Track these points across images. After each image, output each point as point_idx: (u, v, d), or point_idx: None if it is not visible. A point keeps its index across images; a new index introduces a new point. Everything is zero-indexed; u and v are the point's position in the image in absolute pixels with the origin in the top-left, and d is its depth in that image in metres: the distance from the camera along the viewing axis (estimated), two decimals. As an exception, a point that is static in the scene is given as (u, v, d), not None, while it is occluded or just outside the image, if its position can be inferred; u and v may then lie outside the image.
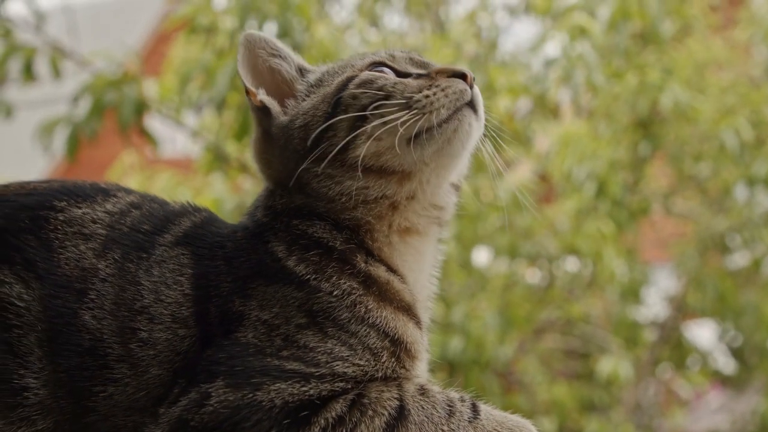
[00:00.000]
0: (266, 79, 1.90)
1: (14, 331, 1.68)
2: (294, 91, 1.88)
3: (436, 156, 1.77)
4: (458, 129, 1.75)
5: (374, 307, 1.72)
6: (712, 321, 7.88)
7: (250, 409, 1.59)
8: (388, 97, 1.74)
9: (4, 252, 1.74)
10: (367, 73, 1.79)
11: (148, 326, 1.70)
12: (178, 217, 1.86)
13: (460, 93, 1.74)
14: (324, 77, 1.88)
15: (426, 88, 1.75)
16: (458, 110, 1.74)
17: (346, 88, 1.78)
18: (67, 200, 1.81)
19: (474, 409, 1.66)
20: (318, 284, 1.71)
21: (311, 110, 1.81)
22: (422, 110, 1.72)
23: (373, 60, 1.84)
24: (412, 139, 1.74)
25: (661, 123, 6.30)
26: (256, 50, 1.88)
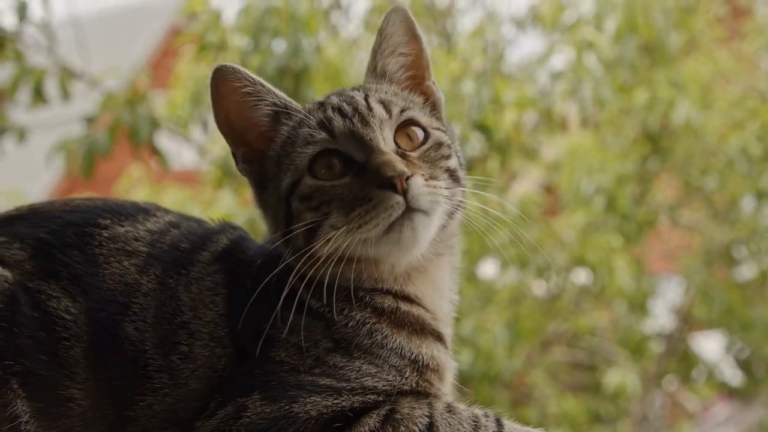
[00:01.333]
0: (245, 129, 1.89)
1: (61, 343, 1.74)
2: (271, 149, 1.89)
3: (393, 252, 1.81)
4: (401, 238, 1.78)
5: (389, 334, 1.79)
6: (718, 333, 7.89)
7: (287, 420, 1.66)
8: (328, 214, 1.78)
9: (51, 267, 1.80)
10: (306, 186, 1.80)
11: (188, 340, 1.77)
12: (217, 234, 1.93)
13: (391, 209, 1.74)
14: (285, 147, 1.86)
15: (360, 200, 1.75)
16: (394, 222, 1.76)
17: (293, 196, 1.81)
18: (111, 218, 1.89)
19: (498, 423, 1.73)
20: (332, 317, 1.78)
21: (273, 206, 1.87)
22: (359, 230, 1.75)
23: (313, 153, 1.82)
24: (363, 242, 1.77)
25: (669, 137, 6.32)
26: (231, 93, 1.86)
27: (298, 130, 1.85)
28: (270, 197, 1.87)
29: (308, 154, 1.81)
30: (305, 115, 1.87)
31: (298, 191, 1.79)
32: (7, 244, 1.83)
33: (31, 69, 5.04)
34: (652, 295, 7.54)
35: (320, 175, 1.80)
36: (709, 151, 6.45)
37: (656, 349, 7.63)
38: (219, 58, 5.45)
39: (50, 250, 1.82)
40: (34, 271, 1.80)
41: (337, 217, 1.77)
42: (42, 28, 5.01)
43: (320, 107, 1.88)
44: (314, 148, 1.81)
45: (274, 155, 1.87)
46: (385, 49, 1.97)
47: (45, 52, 5.10)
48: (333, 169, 1.80)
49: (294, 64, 4.84)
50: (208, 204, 6.21)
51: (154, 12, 16.28)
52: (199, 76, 5.60)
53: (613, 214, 6.25)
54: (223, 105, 1.86)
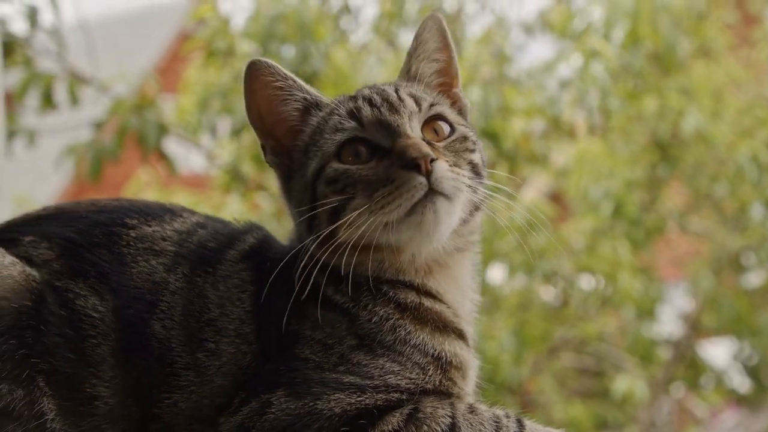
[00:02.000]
0: (274, 123, 1.93)
1: (89, 341, 1.76)
2: (299, 139, 1.92)
3: (414, 237, 1.82)
4: (422, 221, 1.79)
5: (412, 329, 1.80)
6: (727, 339, 7.87)
7: (311, 416, 1.67)
8: (352, 196, 1.80)
9: (79, 266, 1.82)
10: (332, 170, 1.83)
11: (215, 338, 1.78)
12: (243, 234, 1.95)
13: (414, 189, 1.76)
14: (314, 136, 1.90)
15: (383, 182, 1.77)
16: (417, 204, 1.77)
17: (319, 180, 1.84)
18: (138, 218, 1.91)
19: (519, 424, 1.75)
20: (357, 312, 1.80)
21: (299, 193, 1.89)
22: (381, 210, 1.77)
23: (341, 140, 1.85)
24: (384, 226, 1.78)
25: (679, 146, 6.31)
26: (263, 88, 1.89)
27: (327, 119, 1.88)
28: (296, 186, 1.90)
29: (336, 140, 1.84)
30: (335, 105, 1.90)
31: (324, 175, 1.82)
32: (35, 244, 1.85)
33: (41, 74, 5.07)
34: (660, 301, 7.53)
35: (347, 161, 1.83)
36: (718, 158, 6.44)
37: (664, 356, 7.62)
38: (227, 64, 5.49)
39: (78, 250, 1.84)
40: (61, 270, 1.81)
41: (360, 199, 1.79)
42: (52, 34, 5.03)
43: (351, 99, 1.91)
44: (342, 135, 1.84)
45: (302, 145, 1.90)
46: (420, 54, 2.00)
47: (54, 57, 5.13)
48: (360, 156, 1.83)
49: (303, 70, 4.85)
50: (217, 208, 6.23)
51: (162, 17, 16.31)
52: (208, 81, 5.62)
53: (621, 220, 6.24)
54: (255, 99, 1.89)
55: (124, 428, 1.75)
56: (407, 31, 6.75)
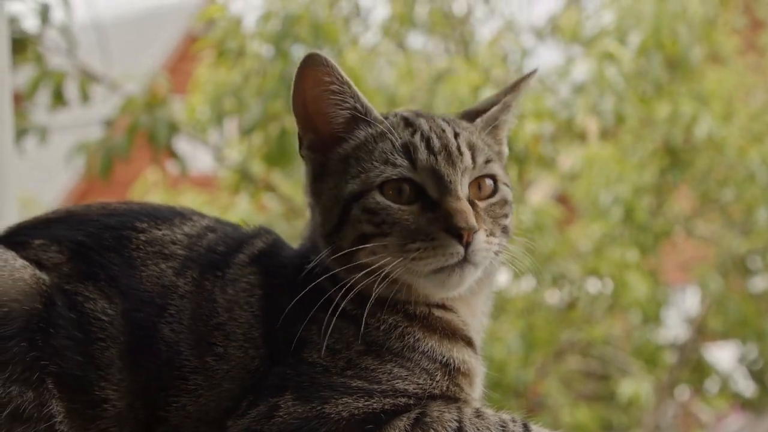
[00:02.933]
0: (318, 122, 1.86)
1: (98, 344, 1.75)
2: (341, 147, 1.85)
3: (434, 290, 1.81)
4: (446, 282, 1.78)
5: (421, 337, 1.78)
6: (732, 343, 7.88)
7: (319, 420, 1.66)
8: (386, 234, 1.76)
9: (89, 269, 1.81)
10: (373, 201, 1.77)
11: (223, 342, 1.77)
12: (252, 238, 1.93)
13: (450, 256, 1.74)
14: (358, 151, 1.83)
15: (422, 235, 1.75)
16: (445, 267, 1.76)
17: (356, 202, 1.78)
18: (148, 222, 1.89)
19: (525, 428, 1.74)
20: (363, 320, 1.77)
21: (329, 201, 1.83)
22: (412, 261, 1.74)
23: (389, 177, 1.78)
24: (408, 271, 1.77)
25: (690, 151, 6.33)
26: (316, 85, 1.82)
27: (377, 141, 1.82)
28: (326, 190, 1.84)
29: (384, 174, 1.78)
30: (388, 129, 1.83)
31: (363, 202, 1.77)
32: (44, 247, 1.84)
33: (52, 71, 5.08)
34: (666, 305, 7.54)
35: (389, 195, 1.77)
36: (728, 164, 6.45)
37: (669, 359, 7.63)
38: (239, 64, 5.51)
39: (88, 253, 1.83)
40: (71, 273, 1.81)
41: (394, 240, 1.76)
42: (63, 32, 5.05)
43: (407, 126, 1.84)
44: (392, 171, 1.78)
45: (343, 154, 1.84)
46: (512, 106, 1.93)
47: (65, 54, 5.14)
48: (402, 194, 1.77)
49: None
50: (225, 209, 6.25)
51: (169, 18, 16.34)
52: (219, 81, 5.63)
53: (630, 225, 6.25)
54: (304, 93, 1.82)
55: (132, 430, 1.75)
56: (417, 33, 6.79)
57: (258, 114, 5.12)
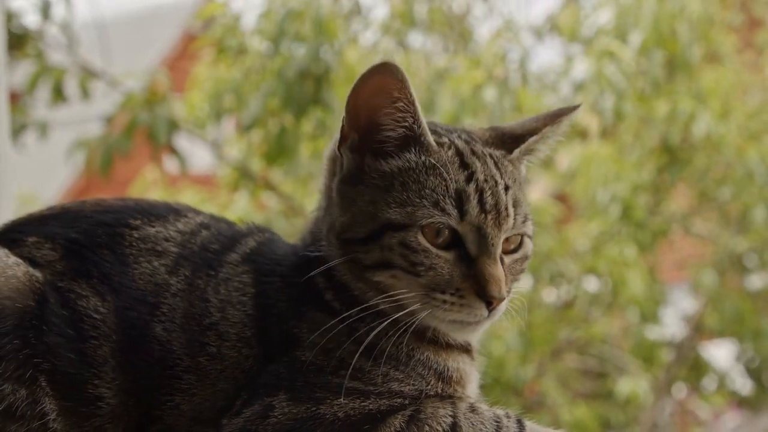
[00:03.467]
0: (369, 128, 1.79)
1: (90, 342, 1.75)
2: (385, 163, 1.79)
3: (445, 330, 1.81)
4: (461, 330, 1.80)
5: (416, 347, 1.79)
6: (729, 342, 7.90)
7: (314, 421, 1.66)
8: (417, 274, 1.73)
9: (82, 266, 1.81)
10: (414, 240, 1.73)
11: (216, 342, 1.77)
12: (245, 237, 1.92)
13: (474, 317, 1.74)
14: (404, 176, 1.77)
15: (452, 289, 1.73)
16: (465, 322, 1.77)
17: (394, 232, 1.74)
18: (142, 219, 1.89)
19: (519, 424, 1.74)
20: (355, 324, 1.76)
21: (362, 215, 1.78)
22: (434, 308, 1.74)
23: (435, 222, 1.74)
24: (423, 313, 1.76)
25: (688, 149, 6.34)
26: (380, 93, 1.74)
27: (428, 174, 1.76)
28: (358, 198, 1.78)
29: (431, 218, 1.73)
30: (441, 161, 1.76)
31: (403, 237, 1.73)
32: (38, 244, 1.84)
33: (52, 67, 5.09)
34: (663, 303, 7.56)
35: (427, 235, 1.73)
36: (725, 162, 6.47)
37: (667, 358, 7.64)
38: (238, 61, 5.51)
39: (81, 250, 1.83)
40: (64, 270, 1.81)
41: (422, 283, 1.74)
42: (63, 28, 5.06)
43: (461, 167, 1.77)
44: (440, 218, 1.73)
45: (387, 170, 1.77)
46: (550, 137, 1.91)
47: (66, 51, 5.15)
48: (439, 237, 1.74)
49: (315, 67, 4.85)
50: (224, 206, 6.24)
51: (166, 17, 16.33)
52: (219, 78, 5.63)
53: (627, 223, 6.26)
54: (365, 95, 1.75)
55: (126, 428, 1.75)
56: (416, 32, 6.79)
57: (257, 111, 5.13)
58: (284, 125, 5.11)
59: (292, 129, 5.12)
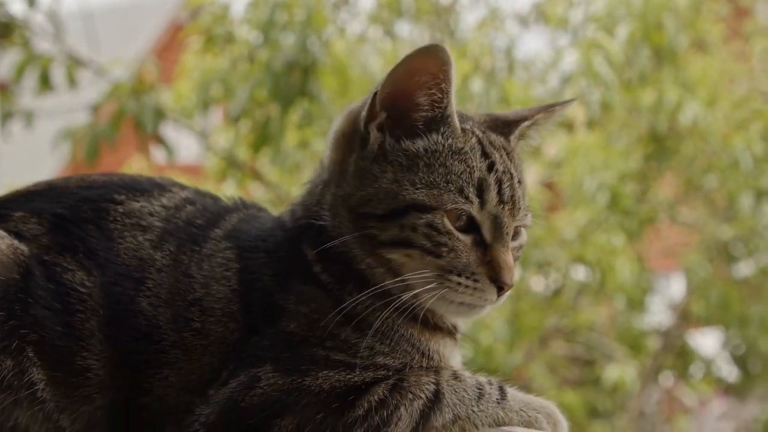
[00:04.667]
0: (402, 107, 1.81)
1: (77, 316, 1.77)
2: (411, 143, 1.81)
3: (446, 313, 1.84)
4: (466, 313, 1.83)
5: (401, 323, 1.80)
6: (715, 329, 7.95)
7: (300, 392, 1.68)
8: (438, 255, 1.76)
9: (67, 241, 1.83)
10: (440, 223, 1.76)
11: (201, 317, 1.78)
12: (230, 212, 1.93)
13: (485, 301, 1.78)
14: (429, 159, 1.79)
15: (467, 273, 1.76)
16: (473, 305, 1.80)
17: (418, 213, 1.77)
18: (126, 194, 1.90)
19: (501, 391, 1.78)
20: (341, 296, 1.78)
21: (383, 192, 1.79)
22: (447, 290, 1.76)
23: (458, 209, 1.78)
24: (433, 294, 1.78)
25: (675, 138, 6.37)
26: (421, 73, 1.76)
27: (452, 158, 1.79)
28: (379, 175, 1.80)
29: (456, 204, 1.77)
30: (468, 152, 1.80)
31: (429, 219, 1.75)
32: (24, 219, 1.86)
33: (38, 56, 5.06)
34: (650, 291, 7.59)
35: (452, 219, 1.77)
36: (711, 151, 6.50)
37: (654, 345, 7.68)
38: (226, 50, 5.49)
39: (66, 225, 1.85)
40: (50, 244, 1.83)
41: (440, 264, 1.76)
42: (49, 16, 5.04)
43: (483, 156, 1.81)
44: (463, 205, 1.77)
45: (412, 150, 1.80)
46: (543, 128, 1.97)
47: (52, 39, 5.13)
48: (459, 221, 1.77)
49: (303, 58, 4.84)
50: (211, 196, 6.22)
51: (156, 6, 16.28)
52: (206, 67, 5.62)
53: (615, 211, 6.29)
54: (408, 76, 1.77)
55: (114, 398, 1.77)
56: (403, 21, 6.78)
57: (244, 101, 5.12)
58: (270, 115, 5.09)
59: (278, 118, 5.11)
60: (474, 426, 1.73)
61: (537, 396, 1.84)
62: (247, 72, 5.15)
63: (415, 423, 1.70)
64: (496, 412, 1.74)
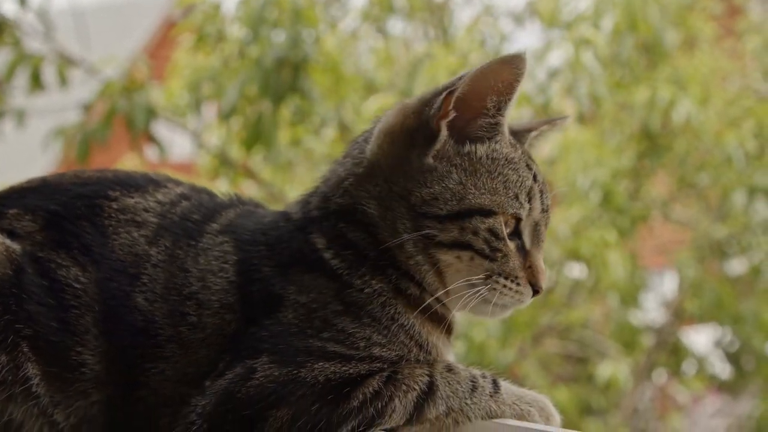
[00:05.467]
0: (470, 109, 1.82)
1: (72, 312, 1.78)
2: (469, 142, 1.84)
3: (472, 310, 1.88)
4: (495, 313, 1.87)
5: (403, 311, 1.81)
6: (709, 326, 7.96)
7: (296, 384, 1.69)
8: (493, 259, 1.81)
9: (62, 237, 1.83)
10: (500, 227, 1.81)
11: (197, 311, 1.79)
12: (226, 208, 1.94)
13: (519, 303, 1.84)
14: (489, 166, 1.83)
15: (511, 277, 1.82)
16: (506, 306, 1.86)
17: (482, 217, 1.80)
18: (121, 190, 1.90)
19: (495, 384, 1.78)
20: (350, 279, 1.79)
21: (448, 192, 1.81)
22: (487, 289, 1.81)
23: (515, 213, 1.82)
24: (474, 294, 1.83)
25: (668, 135, 6.38)
26: (497, 77, 1.79)
27: (506, 167, 1.84)
28: (444, 175, 1.82)
29: (513, 210, 1.82)
30: (519, 162, 1.86)
31: (491, 223, 1.80)
32: (18, 216, 1.86)
33: (29, 55, 5.06)
34: (643, 288, 7.60)
35: (506, 225, 1.83)
36: (704, 148, 6.52)
37: (647, 343, 7.69)
38: (218, 48, 5.49)
39: (61, 222, 1.85)
40: (44, 241, 1.83)
41: (490, 267, 1.81)
42: (40, 15, 5.04)
43: (527, 167, 1.87)
44: (518, 211, 1.82)
45: (474, 156, 1.83)
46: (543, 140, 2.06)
47: (43, 38, 5.12)
48: (509, 227, 1.82)
49: (294, 55, 4.85)
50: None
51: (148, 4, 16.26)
52: (198, 65, 5.62)
53: (608, 208, 6.30)
54: (488, 80, 1.78)
55: (109, 393, 1.77)
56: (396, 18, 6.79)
57: (235, 99, 5.11)
58: (262, 112, 5.10)
59: (270, 116, 5.11)
60: (467, 418, 1.74)
61: (530, 390, 1.84)
62: (238, 69, 5.15)
63: (409, 414, 1.71)
64: (489, 404, 1.75)
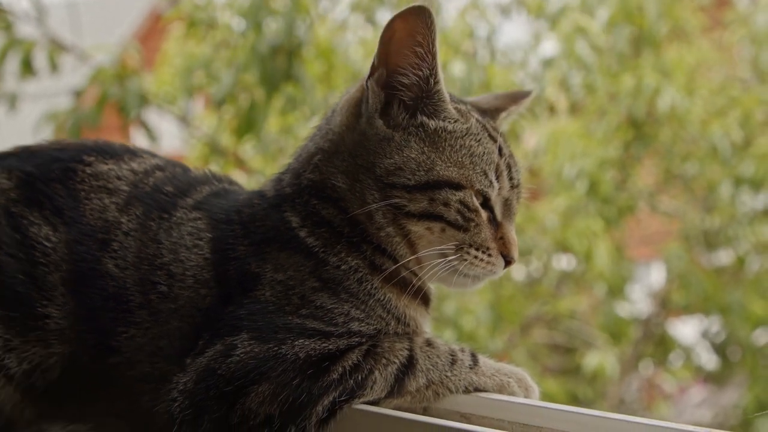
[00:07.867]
0: (395, 66, 1.84)
1: (40, 268, 1.82)
2: (407, 106, 1.86)
3: (444, 282, 1.93)
4: (467, 285, 1.92)
5: (379, 286, 1.84)
6: (695, 317, 7.99)
7: (276, 360, 1.71)
8: (465, 230, 1.84)
9: (35, 197, 1.88)
10: (470, 200, 1.84)
11: (167, 281, 1.82)
12: (200, 184, 1.97)
13: (492, 273, 1.89)
14: (450, 141, 1.86)
15: (483, 247, 1.86)
16: (478, 277, 1.90)
17: (452, 190, 1.83)
18: (96, 156, 1.96)
19: (474, 358, 1.83)
20: (326, 257, 1.82)
21: (411, 162, 1.83)
22: (459, 260, 1.85)
23: (485, 192, 1.86)
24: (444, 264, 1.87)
25: (653, 124, 6.41)
26: (409, 35, 1.80)
27: (470, 141, 1.87)
28: (404, 145, 1.84)
29: (483, 186, 1.86)
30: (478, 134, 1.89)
31: (461, 196, 1.83)
32: None
33: (21, 40, 5.05)
34: (630, 280, 7.64)
35: (478, 198, 1.87)
36: (690, 138, 6.55)
37: (634, 334, 7.73)
38: (209, 36, 5.50)
39: (35, 182, 1.90)
40: (18, 198, 1.88)
41: (461, 238, 1.85)
42: (32, 1, 5.04)
43: (491, 139, 1.91)
44: (488, 189, 1.87)
45: (430, 128, 1.85)
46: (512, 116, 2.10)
47: (35, 24, 5.12)
48: (478, 199, 1.86)
49: (288, 43, 4.85)
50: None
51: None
52: (189, 53, 5.62)
53: (594, 199, 6.33)
54: (395, 31, 1.80)
55: (75, 350, 1.79)
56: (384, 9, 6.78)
57: (228, 86, 5.12)
58: (254, 100, 5.10)
59: (262, 104, 5.12)
60: (448, 390, 1.77)
61: (509, 364, 1.89)
62: (231, 56, 5.16)
63: (390, 387, 1.74)
64: (469, 377, 1.79)
